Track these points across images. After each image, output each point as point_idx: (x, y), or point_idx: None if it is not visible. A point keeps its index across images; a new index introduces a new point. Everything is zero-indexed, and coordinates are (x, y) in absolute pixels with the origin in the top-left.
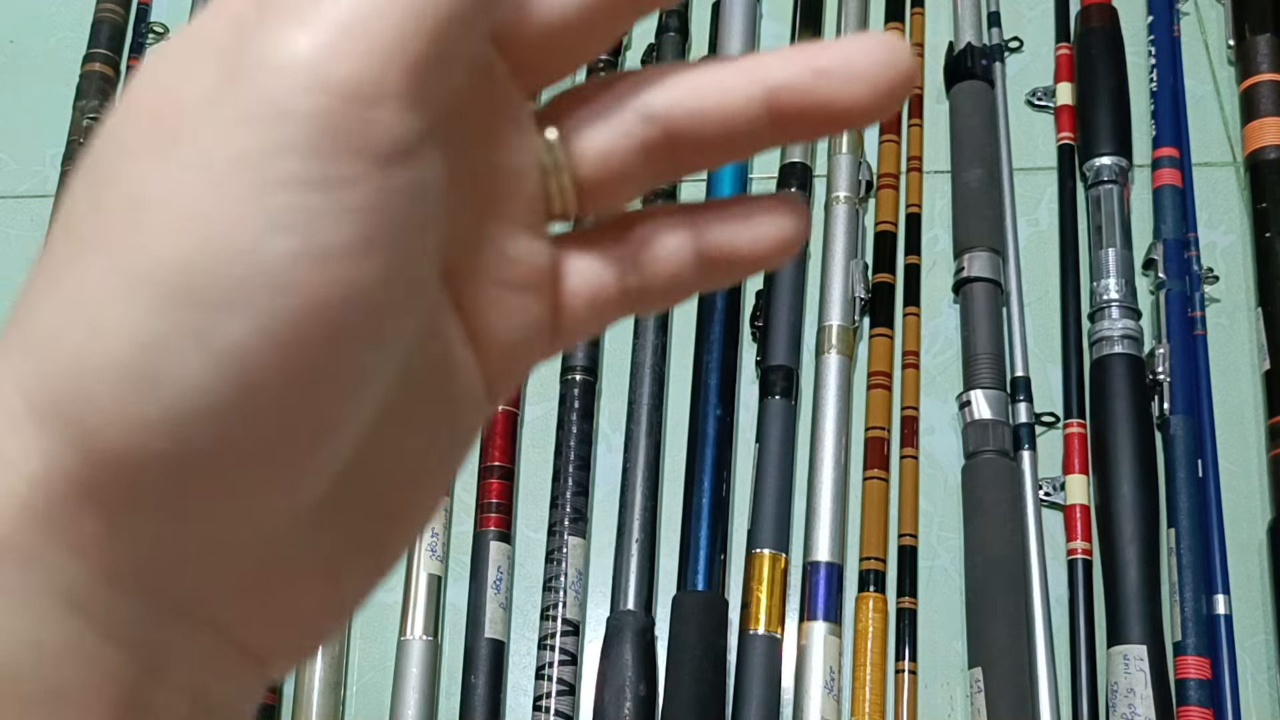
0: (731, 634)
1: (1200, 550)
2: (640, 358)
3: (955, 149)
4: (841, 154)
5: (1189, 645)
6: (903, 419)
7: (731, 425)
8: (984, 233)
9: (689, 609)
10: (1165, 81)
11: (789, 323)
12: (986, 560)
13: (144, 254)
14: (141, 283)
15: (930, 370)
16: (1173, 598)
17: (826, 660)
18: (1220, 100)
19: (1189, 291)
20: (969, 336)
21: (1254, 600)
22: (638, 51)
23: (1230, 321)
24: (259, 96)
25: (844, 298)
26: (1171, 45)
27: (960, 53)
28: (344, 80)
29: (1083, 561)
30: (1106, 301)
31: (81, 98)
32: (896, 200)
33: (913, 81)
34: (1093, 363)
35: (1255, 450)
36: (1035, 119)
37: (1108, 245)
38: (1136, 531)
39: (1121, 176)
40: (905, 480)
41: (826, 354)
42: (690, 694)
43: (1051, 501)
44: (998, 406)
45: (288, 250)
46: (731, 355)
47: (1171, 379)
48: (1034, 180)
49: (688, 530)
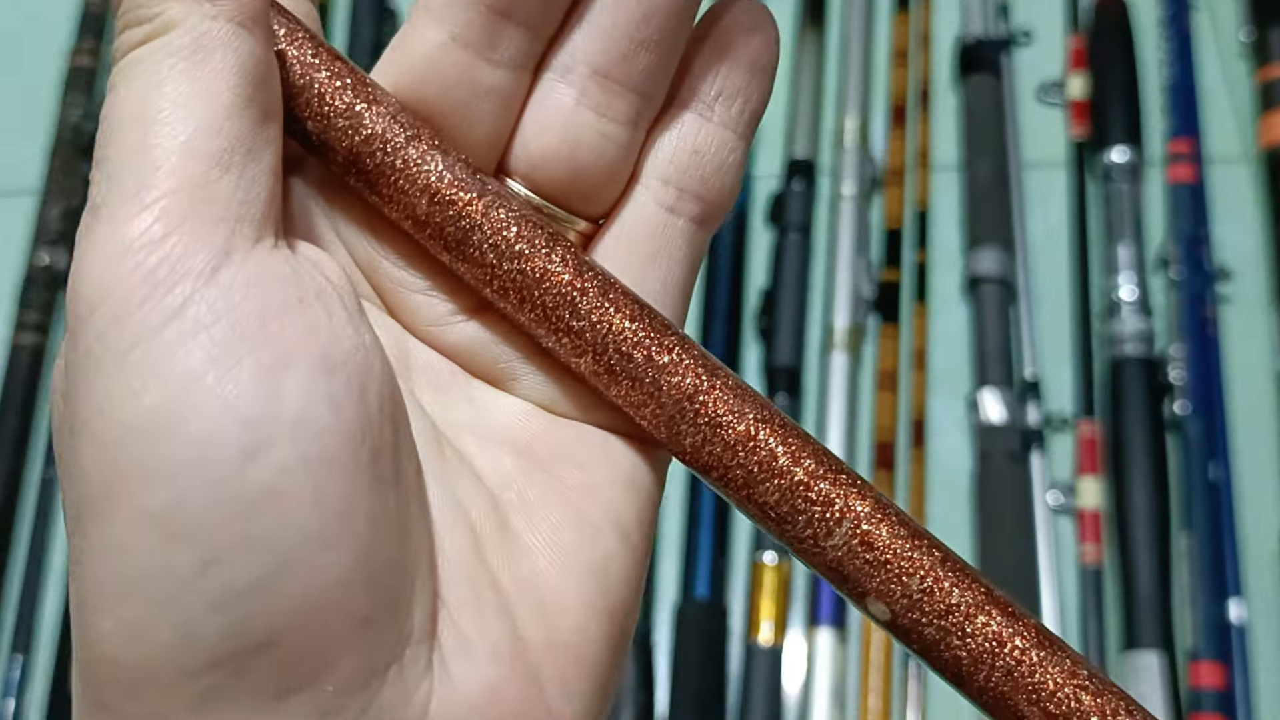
0: (734, 642)
1: (1214, 554)
2: None
3: (964, 143)
4: (847, 149)
5: (1202, 651)
6: (910, 420)
7: None
8: (994, 229)
9: (691, 618)
10: (1179, 74)
11: (794, 321)
12: (997, 565)
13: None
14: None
15: (939, 370)
16: (1186, 603)
17: (833, 668)
18: (1233, 94)
19: (1202, 289)
20: (978, 335)
21: (1269, 604)
22: None
23: (1245, 320)
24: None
25: (850, 296)
26: (1185, 37)
27: (969, 45)
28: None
29: (1094, 566)
30: (1118, 300)
31: (69, 91)
32: (904, 196)
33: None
34: (1105, 363)
35: (1270, 452)
36: (1046, 113)
37: (1119, 241)
38: (1149, 535)
39: (1134, 171)
40: (913, 483)
41: (832, 353)
42: (693, 704)
43: (1063, 506)
44: (1008, 407)
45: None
46: (735, 355)
47: (1185, 379)
48: (1045, 175)
49: (690, 537)
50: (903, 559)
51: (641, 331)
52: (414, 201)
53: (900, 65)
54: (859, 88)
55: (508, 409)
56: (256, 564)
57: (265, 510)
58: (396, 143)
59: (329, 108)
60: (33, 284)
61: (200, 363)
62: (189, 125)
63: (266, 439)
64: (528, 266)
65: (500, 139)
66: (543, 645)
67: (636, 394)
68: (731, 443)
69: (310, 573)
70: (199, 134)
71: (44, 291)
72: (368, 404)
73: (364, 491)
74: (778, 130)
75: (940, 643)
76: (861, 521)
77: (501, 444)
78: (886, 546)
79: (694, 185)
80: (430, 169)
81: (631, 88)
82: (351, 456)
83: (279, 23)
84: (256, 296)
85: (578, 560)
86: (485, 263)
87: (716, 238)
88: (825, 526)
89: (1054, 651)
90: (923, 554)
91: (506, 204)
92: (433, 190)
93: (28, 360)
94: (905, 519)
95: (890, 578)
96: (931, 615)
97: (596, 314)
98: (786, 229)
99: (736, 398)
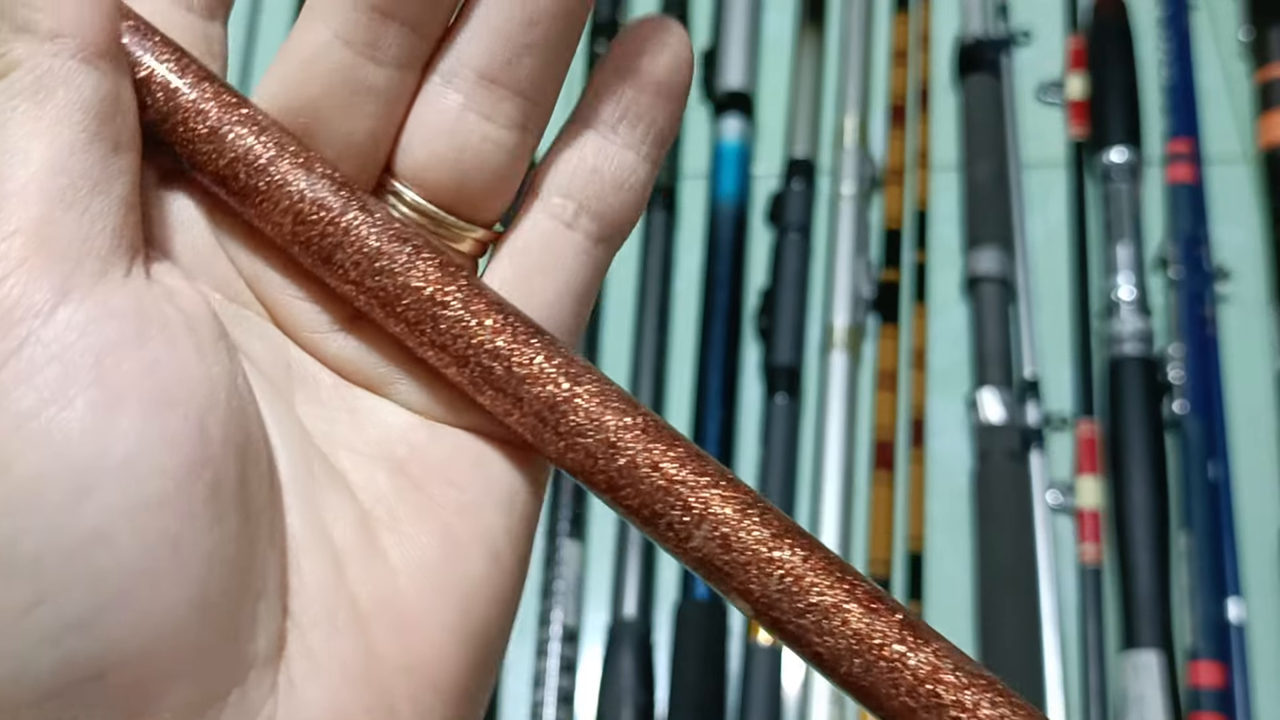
0: (734, 642)
1: (1213, 554)
2: (640, 357)
3: (964, 143)
4: (847, 149)
5: (1201, 650)
6: (910, 419)
7: (734, 426)
8: (993, 229)
9: (691, 617)
10: (1178, 74)
11: (794, 321)
12: (996, 565)
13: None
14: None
15: (938, 369)
16: (1185, 602)
17: None
18: (1232, 94)
19: (1201, 289)
20: (978, 335)
21: (1268, 604)
22: None
23: (1244, 320)
24: None
25: (850, 296)
26: (1184, 37)
27: (968, 45)
28: None
29: (1093, 565)
30: (1118, 299)
31: None
32: (903, 196)
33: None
34: (1104, 362)
35: (1270, 451)
36: (1045, 112)
37: (1118, 241)
38: (1148, 535)
39: (1133, 171)
40: (912, 482)
41: (832, 353)
42: (692, 703)
43: (1062, 506)
44: (1007, 406)
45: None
46: (734, 354)
47: (1184, 379)
48: (1044, 175)
49: None
50: (761, 560)
51: (503, 343)
52: (279, 220)
53: (900, 65)
54: (858, 87)
55: (387, 421)
56: (85, 601)
57: (94, 550)
58: (259, 164)
59: (192, 131)
60: None
61: (32, 404)
62: (29, 167)
63: (95, 481)
64: (388, 282)
65: (386, 140)
66: (397, 666)
67: (502, 403)
68: (593, 450)
69: (139, 608)
70: (39, 174)
71: None
72: (208, 438)
73: (200, 528)
74: (777, 130)
75: (800, 639)
76: (720, 525)
77: (378, 459)
78: (745, 548)
79: (592, 202)
80: (293, 189)
81: (518, 91)
82: (186, 494)
83: (145, 45)
84: (93, 334)
85: (441, 580)
86: (350, 278)
87: (716, 237)
88: (686, 530)
89: (917, 646)
90: (785, 552)
91: (370, 219)
92: (295, 210)
93: None
94: (771, 518)
95: (750, 578)
96: (790, 614)
97: (458, 327)
98: (786, 229)
99: (599, 405)
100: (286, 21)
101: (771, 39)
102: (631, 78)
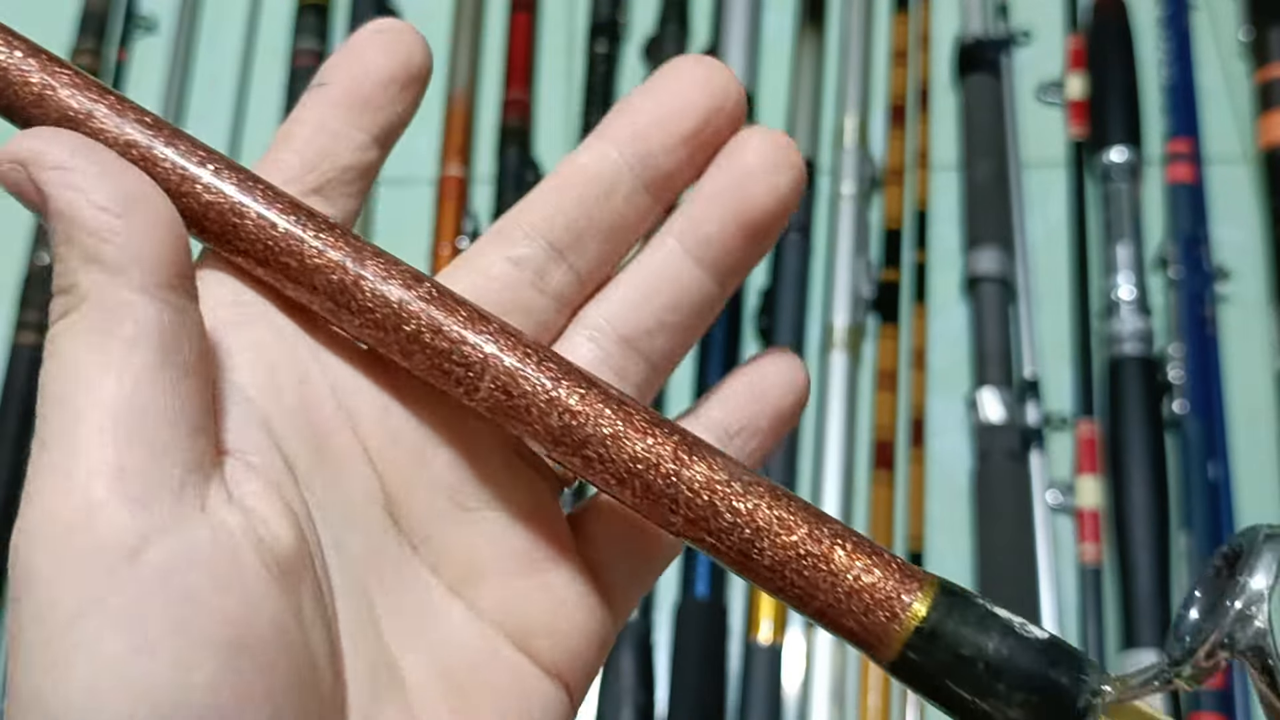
0: (733, 641)
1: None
2: None
3: (964, 143)
4: (847, 148)
5: None
6: (910, 419)
7: None
8: (993, 229)
9: (691, 616)
10: (1178, 74)
11: (793, 321)
12: (996, 565)
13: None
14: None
15: (938, 369)
16: None
17: (832, 667)
18: (1232, 94)
19: (1201, 289)
20: (978, 334)
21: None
22: (635, 44)
23: (1244, 320)
24: None
25: (850, 296)
26: (1184, 37)
27: (968, 45)
28: None
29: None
30: (1118, 299)
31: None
32: (903, 196)
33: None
34: (1104, 362)
35: (1270, 451)
36: (1045, 112)
37: (1118, 241)
38: (1148, 535)
39: (1133, 171)
40: (912, 482)
41: (832, 353)
42: (692, 703)
43: (1062, 505)
44: (1007, 406)
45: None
46: (734, 354)
47: (1184, 379)
48: (1044, 175)
49: None
50: (541, 402)
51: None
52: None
53: (900, 65)
54: (858, 87)
55: (454, 622)
56: None
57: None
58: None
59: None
60: (33, 284)
61: (122, 651)
62: (101, 404)
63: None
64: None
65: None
66: None
67: (302, 293)
68: (381, 322)
69: None
70: (110, 411)
71: (45, 291)
72: (274, 679)
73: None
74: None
75: (588, 471)
76: (501, 374)
77: (438, 672)
78: (524, 393)
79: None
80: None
81: (647, 358)
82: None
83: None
84: (175, 583)
85: None
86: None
87: None
88: (472, 383)
89: (692, 462)
90: (562, 392)
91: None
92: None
93: (28, 360)
94: (550, 364)
95: (533, 419)
96: (575, 448)
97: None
98: (786, 229)
99: (383, 283)
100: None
101: (771, 39)
102: (759, 402)
